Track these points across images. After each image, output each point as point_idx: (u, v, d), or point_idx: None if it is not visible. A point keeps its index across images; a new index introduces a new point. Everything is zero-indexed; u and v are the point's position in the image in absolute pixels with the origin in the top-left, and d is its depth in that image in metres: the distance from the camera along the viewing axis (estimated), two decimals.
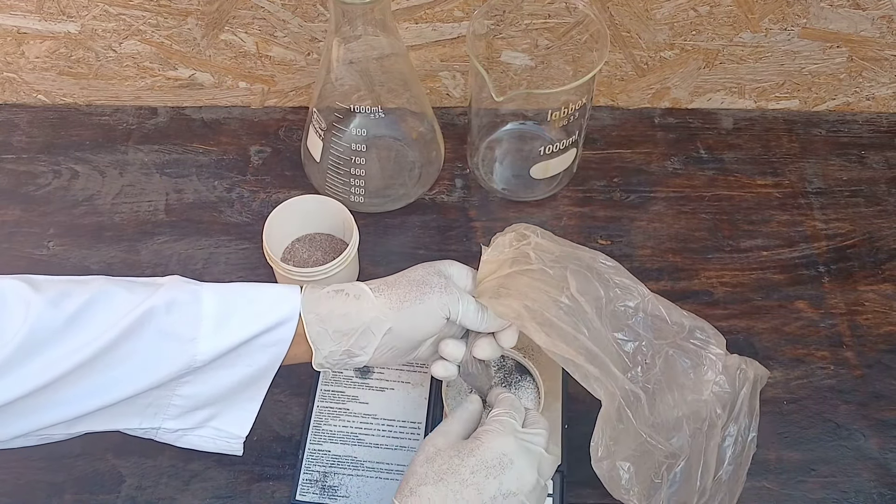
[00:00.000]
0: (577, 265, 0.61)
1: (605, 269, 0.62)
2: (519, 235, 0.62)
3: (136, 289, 0.56)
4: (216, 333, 0.56)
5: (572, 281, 0.59)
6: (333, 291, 0.59)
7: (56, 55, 0.87)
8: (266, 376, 0.60)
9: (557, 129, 0.79)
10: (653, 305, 0.62)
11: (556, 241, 0.63)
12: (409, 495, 0.54)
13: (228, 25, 0.83)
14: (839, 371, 0.76)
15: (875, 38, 0.84)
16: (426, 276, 0.60)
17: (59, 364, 0.53)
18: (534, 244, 0.62)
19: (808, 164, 0.88)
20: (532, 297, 0.59)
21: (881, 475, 0.71)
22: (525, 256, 0.61)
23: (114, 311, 0.55)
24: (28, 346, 0.52)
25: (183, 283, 0.58)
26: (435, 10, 0.82)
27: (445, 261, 0.63)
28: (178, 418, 0.59)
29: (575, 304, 0.58)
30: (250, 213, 0.85)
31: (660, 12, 0.82)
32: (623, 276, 0.62)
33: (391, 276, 0.61)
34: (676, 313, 0.63)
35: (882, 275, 0.81)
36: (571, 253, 0.62)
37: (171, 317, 0.55)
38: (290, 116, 0.92)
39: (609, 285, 0.61)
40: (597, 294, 0.60)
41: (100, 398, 0.55)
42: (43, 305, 0.53)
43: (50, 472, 0.70)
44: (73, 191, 0.86)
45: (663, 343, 0.61)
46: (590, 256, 0.62)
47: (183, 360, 0.56)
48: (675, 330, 0.62)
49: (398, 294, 0.59)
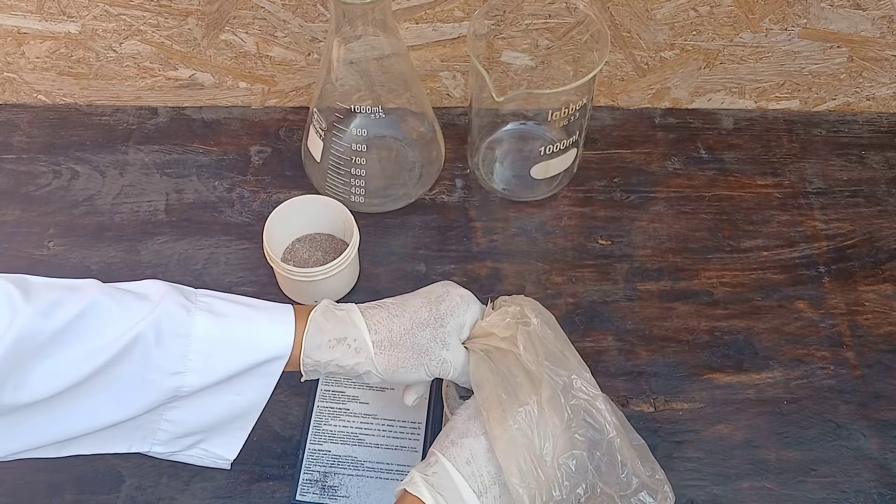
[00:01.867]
0: (556, 376, 0.59)
1: (582, 395, 0.59)
2: (522, 314, 0.61)
3: (128, 303, 0.55)
4: (204, 367, 0.56)
5: (546, 390, 0.57)
6: (336, 341, 0.58)
7: (56, 55, 0.87)
8: (256, 407, 0.59)
9: (558, 129, 0.79)
10: (615, 448, 0.59)
11: (555, 337, 0.61)
12: (449, 446, 0.56)
13: (229, 25, 0.83)
14: (839, 371, 0.76)
15: (875, 39, 0.84)
16: (431, 342, 0.60)
17: (44, 383, 0.52)
18: (531, 332, 0.60)
19: (809, 165, 0.88)
20: (504, 389, 0.58)
21: (881, 475, 0.71)
22: (519, 339, 0.60)
23: (103, 332, 0.54)
24: (12, 357, 0.51)
25: (176, 305, 0.56)
26: (435, 10, 0.82)
27: (466, 300, 0.62)
28: (166, 444, 0.59)
29: (541, 414, 0.57)
30: (250, 213, 0.85)
31: (660, 12, 0.82)
32: (599, 406, 0.59)
33: (401, 317, 0.60)
34: (633, 466, 0.59)
35: (882, 275, 0.81)
36: (560, 360, 0.60)
37: (160, 349, 0.54)
38: (290, 116, 0.92)
39: (577, 410, 0.58)
40: (561, 415, 0.57)
41: (84, 422, 0.55)
42: (31, 315, 0.52)
43: (50, 472, 0.70)
44: (73, 191, 0.86)
45: (605, 489, 0.58)
46: (575, 374, 0.59)
47: (168, 388, 0.55)
48: (623, 484, 0.59)
49: (398, 358, 0.59)
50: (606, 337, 0.77)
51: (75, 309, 0.53)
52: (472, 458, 0.56)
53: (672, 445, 0.72)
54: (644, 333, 0.78)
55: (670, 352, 0.77)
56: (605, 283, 0.80)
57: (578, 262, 0.82)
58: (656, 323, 0.78)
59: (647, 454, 0.60)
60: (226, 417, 0.59)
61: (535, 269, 0.81)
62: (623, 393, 0.74)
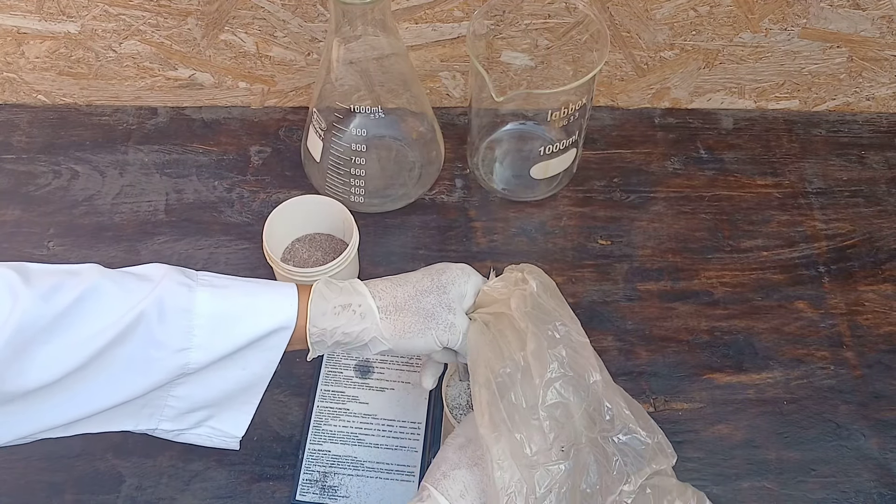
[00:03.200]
0: (542, 325, 0.58)
1: (567, 342, 0.58)
2: (521, 279, 0.61)
3: (129, 285, 0.55)
4: (209, 342, 0.56)
5: (531, 343, 0.57)
6: (340, 307, 0.58)
7: (56, 55, 0.87)
8: (262, 381, 0.59)
9: (557, 129, 0.79)
10: (599, 392, 0.58)
11: (551, 297, 0.61)
12: (441, 479, 0.55)
13: (228, 25, 0.83)
14: (839, 371, 0.76)
15: (875, 38, 0.84)
16: (437, 307, 0.60)
17: (48, 367, 0.52)
18: (527, 293, 0.60)
19: (808, 164, 0.88)
20: (492, 349, 0.58)
21: (881, 475, 0.71)
22: (512, 300, 0.60)
23: (104, 313, 0.54)
24: (15, 343, 0.51)
25: (177, 283, 0.56)
26: (435, 10, 0.82)
27: (466, 272, 0.62)
28: (174, 420, 0.59)
29: (525, 368, 0.56)
30: (250, 213, 0.85)
31: (660, 12, 0.82)
32: (587, 355, 0.59)
33: (404, 286, 0.60)
34: (617, 410, 0.58)
35: (882, 275, 0.81)
36: (548, 313, 0.59)
37: (163, 326, 0.54)
38: (290, 116, 0.92)
39: (563, 362, 0.57)
40: (546, 366, 0.57)
41: (91, 404, 0.55)
42: (32, 300, 0.52)
43: (50, 472, 0.70)
44: (73, 191, 0.86)
45: (588, 434, 0.57)
46: (560, 322, 0.59)
47: (174, 366, 0.55)
48: (605, 425, 0.58)
49: (403, 323, 0.59)
50: (606, 337, 0.77)
51: (75, 292, 0.53)
52: (466, 490, 0.54)
53: (672, 445, 0.72)
54: (644, 333, 0.78)
55: (670, 352, 0.77)
56: (605, 283, 0.80)
57: (578, 262, 0.82)
58: (656, 323, 0.78)
59: (643, 414, 0.59)
60: (232, 391, 0.59)
61: None
62: None
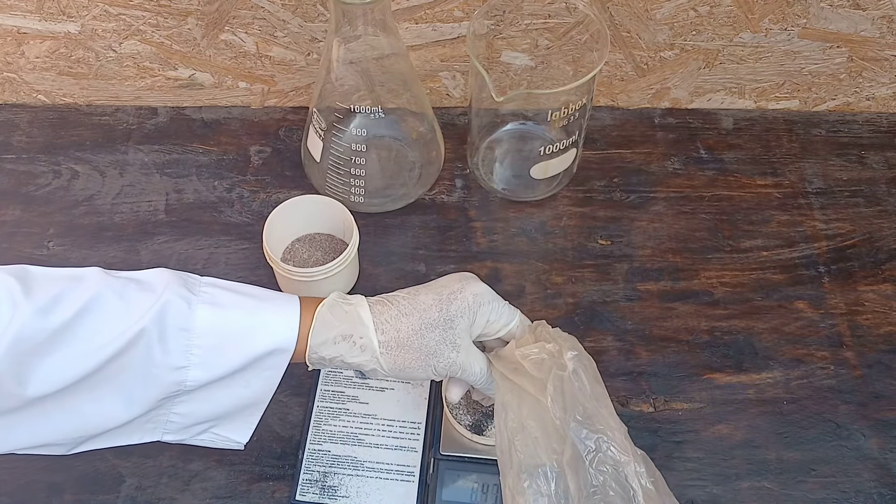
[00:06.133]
0: (583, 438, 0.54)
1: (610, 459, 0.54)
2: (557, 354, 0.57)
3: (131, 296, 0.55)
4: (207, 362, 0.55)
5: (568, 450, 0.54)
6: (341, 337, 0.58)
7: (56, 55, 0.87)
8: (264, 396, 0.59)
9: (557, 129, 0.79)
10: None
11: (591, 388, 0.56)
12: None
13: (228, 25, 0.83)
14: (839, 371, 0.76)
15: (875, 38, 0.84)
16: (440, 344, 0.59)
17: (47, 379, 0.52)
18: (564, 381, 0.56)
19: (808, 164, 0.88)
20: (531, 436, 0.56)
21: (881, 475, 0.71)
22: (549, 388, 0.57)
23: (105, 329, 0.53)
24: (13, 355, 0.51)
25: (178, 297, 0.55)
26: (435, 10, 0.82)
27: (479, 300, 0.61)
28: (177, 433, 0.59)
29: (562, 476, 0.54)
30: (250, 213, 0.85)
31: (660, 12, 0.82)
32: (630, 471, 0.55)
33: (410, 316, 0.59)
34: None
35: (882, 275, 0.81)
36: (591, 415, 0.55)
37: (162, 345, 0.54)
38: (290, 116, 0.92)
39: (603, 477, 0.54)
40: (585, 479, 0.54)
41: (91, 418, 0.55)
42: (31, 313, 0.51)
43: (50, 472, 0.70)
44: (73, 191, 0.86)
45: None
46: (606, 435, 0.54)
47: (171, 383, 0.55)
48: None
49: (404, 359, 0.59)
50: (606, 337, 0.77)
51: (77, 305, 0.53)
52: None
53: (672, 445, 0.72)
54: (644, 333, 0.78)
55: (670, 352, 0.77)
56: (604, 283, 0.80)
57: (578, 262, 0.82)
58: (656, 323, 0.78)
59: None
60: (235, 407, 0.59)
61: (534, 269, 0.81)
62: (623, 393, 0.74)
